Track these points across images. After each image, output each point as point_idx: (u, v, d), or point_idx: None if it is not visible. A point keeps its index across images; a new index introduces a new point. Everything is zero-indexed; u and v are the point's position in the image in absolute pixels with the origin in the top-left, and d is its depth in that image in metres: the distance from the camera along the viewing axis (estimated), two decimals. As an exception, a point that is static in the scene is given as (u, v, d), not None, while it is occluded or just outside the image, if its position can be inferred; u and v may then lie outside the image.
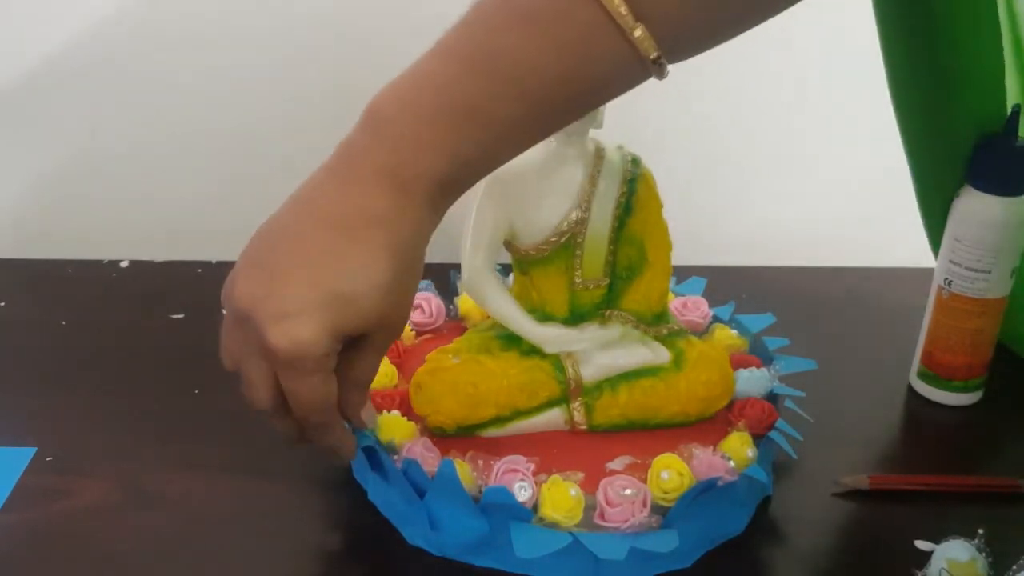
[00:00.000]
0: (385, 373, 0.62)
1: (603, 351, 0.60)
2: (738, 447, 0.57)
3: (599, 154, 0.58)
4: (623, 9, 0.42)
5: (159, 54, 0.87)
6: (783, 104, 0.89)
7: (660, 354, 0.60)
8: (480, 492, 0.53)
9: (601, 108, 0.55)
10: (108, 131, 0.90)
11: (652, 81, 0.45)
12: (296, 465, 0.61)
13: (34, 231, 0.93)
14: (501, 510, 0.52)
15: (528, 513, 0.52)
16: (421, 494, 0.54)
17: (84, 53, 0.87)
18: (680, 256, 0.61)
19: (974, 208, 0.64)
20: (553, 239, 0.57)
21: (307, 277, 0.46)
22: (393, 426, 0.57)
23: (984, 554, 0.50)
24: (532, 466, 0.54)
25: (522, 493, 0.52)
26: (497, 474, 0.54)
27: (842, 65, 0.87)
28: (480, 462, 0.55)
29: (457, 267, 0.59)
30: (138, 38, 0.86)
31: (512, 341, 0.59)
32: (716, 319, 0.70)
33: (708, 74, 0.87)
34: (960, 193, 0.65)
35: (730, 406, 0.62)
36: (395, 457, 0.55)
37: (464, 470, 0.53)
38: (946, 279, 0.66)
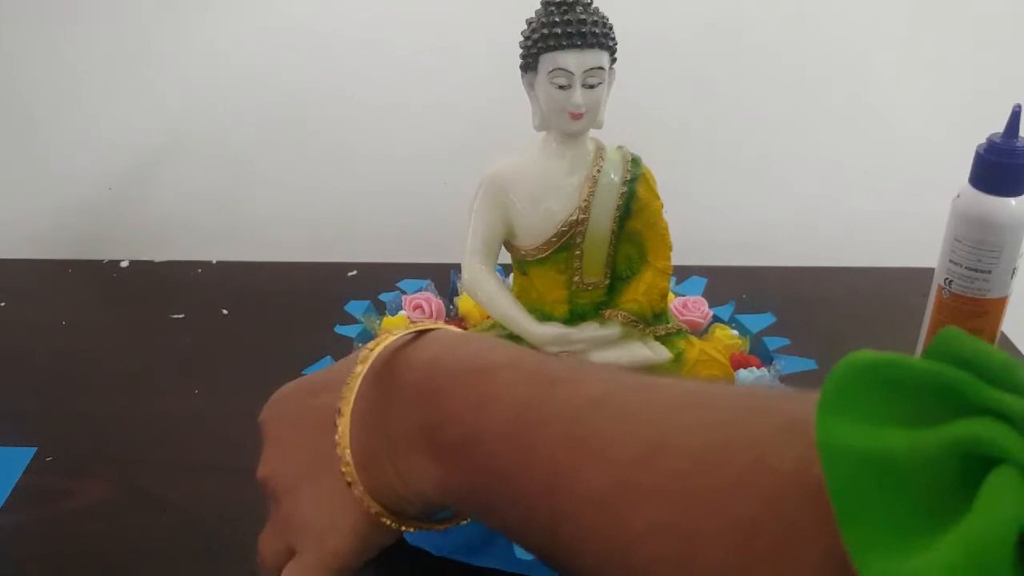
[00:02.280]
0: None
1: (603, 350, 0.60)
2: (738, 447, 0.56)
3: (599, 154, 0.57)
4: None
5: (160, 55, 0.87)
6: (783, 104, 0.89)
7: (660, 354, 0.60)
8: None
9: (602, 108, 0.55)
10: (107, 132, 0.90)
11: (653, 80, 0.45)
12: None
13: (35, 231, 0.93)
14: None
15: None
16: (421, 494, 0.54)
17: (82, 57, 0.87)
18: (680, 256, 0.61)
19: (974, 208, 0.64)
20: (553, 240, 0.57)
21: None
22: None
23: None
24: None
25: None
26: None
27: (842, 65, 0.87)
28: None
29: (457, 267, 0.59)
30: (135, 37, 0.86)
31: (512, 341, 0.59)
32: (716, 319, 0.70)
33: (709, 75, 0.87)
34: (960, 193, 0.65)
35: (730, 406, 0.61)
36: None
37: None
38: (946, 279, 0.66)
